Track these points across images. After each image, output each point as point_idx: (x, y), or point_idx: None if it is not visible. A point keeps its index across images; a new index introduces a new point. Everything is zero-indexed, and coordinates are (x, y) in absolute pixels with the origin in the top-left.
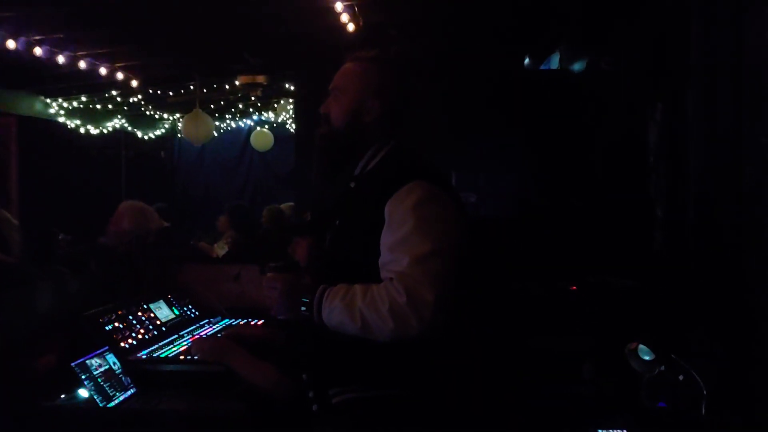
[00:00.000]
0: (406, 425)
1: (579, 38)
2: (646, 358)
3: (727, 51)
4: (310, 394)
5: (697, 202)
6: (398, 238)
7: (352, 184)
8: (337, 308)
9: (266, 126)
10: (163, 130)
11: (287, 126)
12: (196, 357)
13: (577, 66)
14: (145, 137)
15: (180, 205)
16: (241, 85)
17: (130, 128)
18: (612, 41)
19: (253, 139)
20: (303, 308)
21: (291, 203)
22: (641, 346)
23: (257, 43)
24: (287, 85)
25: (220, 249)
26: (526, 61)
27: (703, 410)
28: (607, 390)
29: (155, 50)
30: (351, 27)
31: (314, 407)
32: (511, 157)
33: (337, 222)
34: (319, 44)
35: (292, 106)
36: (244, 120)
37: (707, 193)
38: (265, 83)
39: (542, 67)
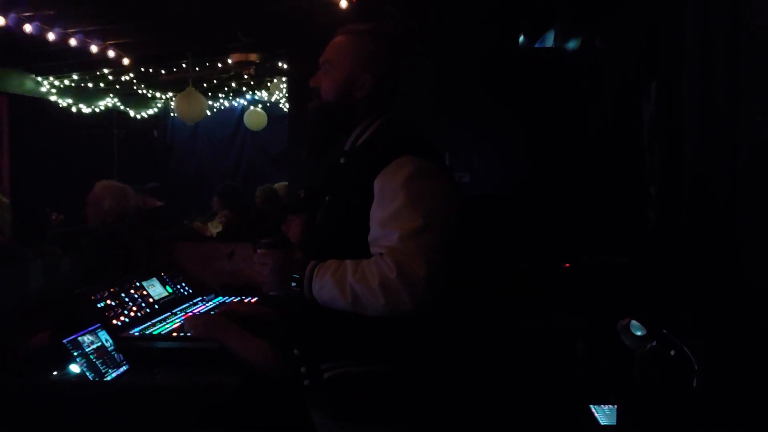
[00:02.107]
0: (398, 400)
1: (573, 16)
2: (638, 333)
3: (724, 28)
4: (302, 369)
5: (692, 181)
6: (388, 214)
7: (342, 160)
8: (327, 284)
9: (259, 105)
10: (156, 110)
11: (280, 105)
12: (188, 334)
13: (572, 44)
14: (138, 116)
15: (173, 184)
16: (233, 63)
17: (122, 107)
18: (607, 19)
19: (247, 119)
20: (293, 284)
21: (285, 183)
22: (633, 322)
23: (250, 21)
24: (280, 64)
25: (214, 228)
26: (521, 38)
27: (695, 386)
28: (600, 367)
29: (147, 28)
30: (344, 4)
31: (306, 382)
32: (504, 136)
33: (327, 198)
34: (312, 22)
35: (285, 85)
36: (237, 99)
37: (702, 173)
38: (257, 61)
39: (537, 45)
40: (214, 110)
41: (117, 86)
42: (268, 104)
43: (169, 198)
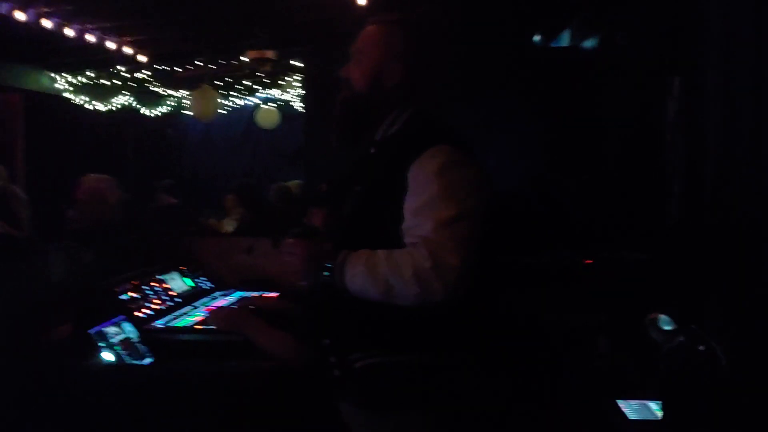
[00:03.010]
0: (427, 390)
1: (592, 13)
2: (667, 328)
3: (748, 23)
4: (332, 360)
5: (716, 176)
6: (422, 203)
7: (373, 150)
8: (359, 273)
9: (272, 104)
10: (169, 108)
11: (292, 104)
12: (212, 327)
13: (589, 43)
14: (152, 114)
15: (185, 182)
16: (250, 60)
17: (136, 105)
18: (628, 15)
19: (259, 117)
20: (325, 273)
21: (298, 181)
22: (662, 317)
23: (267, 18)
24: (292, 62)
25: (228, 226)
26: (537, 38)
27: (722, 381)
28: (624, 362)
29: (164, 24)
30: (362, 0)
31: (336, 372)
32: (523, 131)
33: (357, 188)
34: (330, 18)
35: (299, 83)
36: (250, 98)
37: (726, 167)
38: (274, 58)
39: (552, 45)
40: (228, 108)
41: (132, 84)
42: (281, 103)
43: (183, 196)
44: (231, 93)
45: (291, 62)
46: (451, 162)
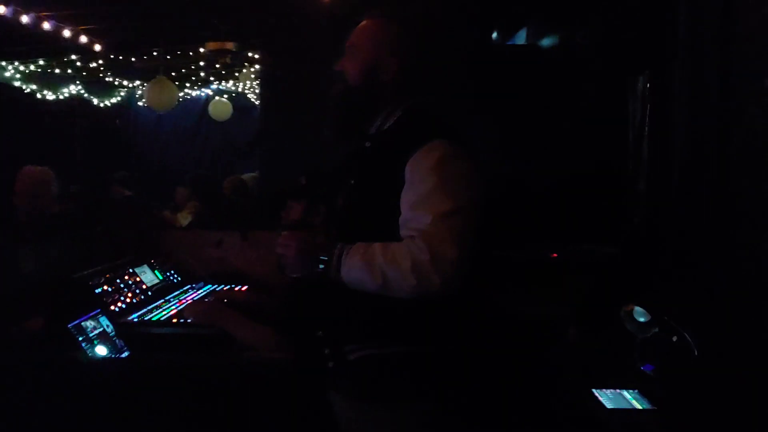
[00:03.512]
0: (424, 382)
1: (552, 12)
2: (641, 319)
3: (717, 21)
4: (326, 351)
5: (683, 172)
6: (420, 196)
7: (367, 144)
8: (356, 266)
9: (225, 95)
10: (120, 98)
11: (247, 95)
12: (189, 320)
13: (546, 41)
14: (101, 105)
15: (135, 174)
16: (208, 51)
17: (86, 95)
18: (588, 16)
19: (212, 109)
20: (321, 266)
21: (253, 174)
22: (637, 308)
23: (227, 9)
24: (250, 54)
25: (184, 219)
26: (494, 35)
27: (693, 371)
28: (596, 352)
29: (121, 13)
30: None
31: (330, 364)
32: (485, 130)
33: (352, 181)
34: (291, 10)
35: (255, 75)
36: (203, 89)
37: (693, 164)
38: (234, 50)
39: (509, 43)
40: (180, 100)
41: (84, 73)
42: (234, 95)
43: (137, 188)
44: (185, 84)
45: (249, 53)
46: (448, 156)
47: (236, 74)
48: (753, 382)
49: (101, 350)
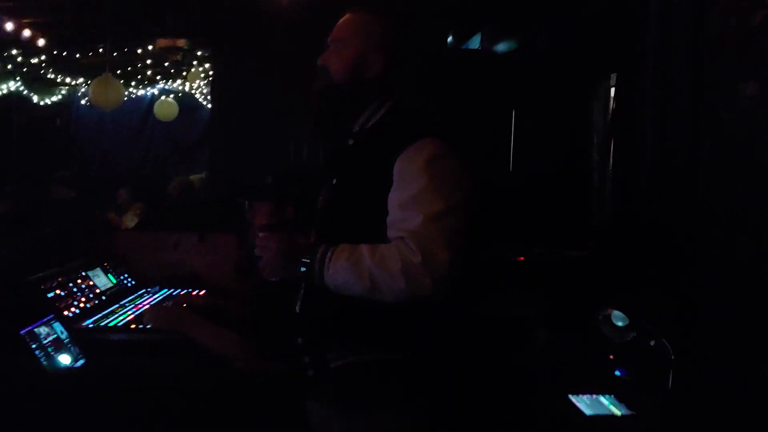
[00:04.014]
0: (408, 389)
1: (511, 17)
2: (619, 324)
3: (687, 26)
4: (306, 359)
5: (653, 177)
6: (410, 196)
7: (351, 142)
8: (342, 268)
9: (171, 95)
10: (60, 96)
11: (195, 95)
12: (148, 326)
13: (502, 47)
14: (41, 103)
15: (76, 174)
16: (158, 49)
17: (25, 92)
18: (548, 21)
19: (157, 109)
20: (302, 269)
21: (201, 175)
22: (615, 312)
23: (179, 4)
24: (199, 53)
25: (130, 222)
26: (449, 39)
27: (670, 376)
28: (569, 357)
29: (66, 7)
30: None
31: (310, 372)
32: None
33: (334, 181)
34: (246, 6)
35: (205, 74)
36: (148, 88)
37: (664, 169)
38: (186, 48)
39: (463, 47)
40: (124, 99)
41: (24, 69)
42: (180, 94)
43: (75, 188)
44: (130, 83)
45: (198, 52)
46: (438, 155)
47: (184, 73)
48: (726, 382)
49: (65, 359)
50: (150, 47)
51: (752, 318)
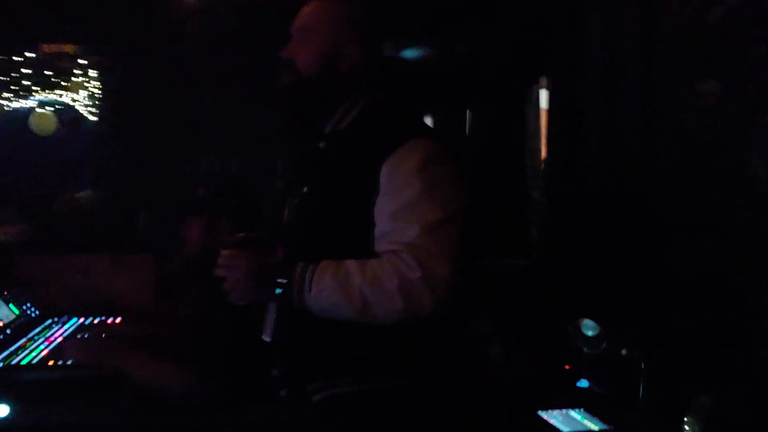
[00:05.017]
0: (405, 421)
1: (429, 24)
2: (590, 333)
3: (635, 24)
4: (283, 393)
5: (602, 180)
6: (402, 204)
7: (322, 145)
8: (327, 288)
9: (48, 107)
10: None
11: (76, 107)
12: (69, 361)
13: (408, 53)
14: None
15: None
16: (42, 55)
17: None
18: (470, 24)
19: (33, 121)
20: (278, 290)
21: (87, 191)
22: (586, 321)
23: (65, 8)
24: (81, 61)
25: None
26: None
27: (641, 385)
28: (521, 370)
29: None
30: None
31: (288, 408)
32: None
33: (305, 189)
34: (140, 10)
35: (93, 84)
36: (22, 99)
37: (613, 173)
38: (74, 54)
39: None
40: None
41: None
42: (60, 106)
43: None
44: (1, 94)
45: (79, 61)
46: (431, 157)
47: (67, 84)
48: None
49: (3, 410)
50: (29, 54)
51: (720, 321)
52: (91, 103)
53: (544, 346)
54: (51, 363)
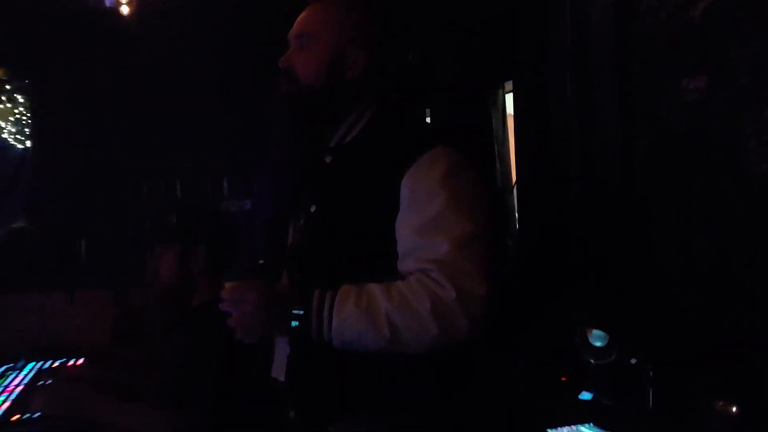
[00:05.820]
0: None
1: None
2: (598, 344)
3: (608, 22)
4: None
5: (583, 185)
6: (429, 218)
7: (328, 159)
8: (351, 318)
9: None
10: None
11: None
12: (36, 414)
13: None
14: None
15: None
16: None
17: None
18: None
19: None
20: (294, 323)
21: (21, 223)
22: (594, 332)
23: None
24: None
25: None
26: None
27: (650, 395)
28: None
29: None
30: (125, 9)
31: None
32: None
33: (313, 209)
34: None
35: (20, 109)
36: None
37: (593, 175)
38: (4, 78)
39: None
40: None
41: None
42: None
43: None
44: None
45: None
46: (455, 166)
47: None
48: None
49: None
50: None
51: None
52: (19, 128)
53: (536, 357)
54: (15, 418)
